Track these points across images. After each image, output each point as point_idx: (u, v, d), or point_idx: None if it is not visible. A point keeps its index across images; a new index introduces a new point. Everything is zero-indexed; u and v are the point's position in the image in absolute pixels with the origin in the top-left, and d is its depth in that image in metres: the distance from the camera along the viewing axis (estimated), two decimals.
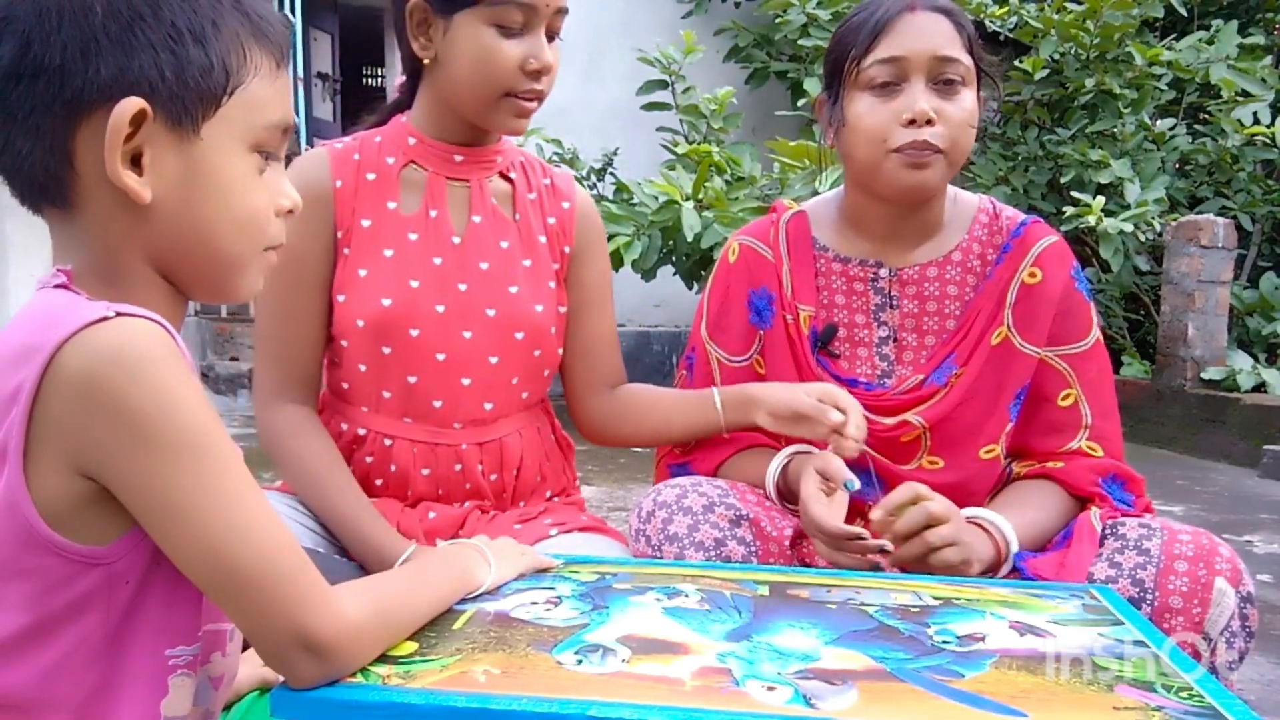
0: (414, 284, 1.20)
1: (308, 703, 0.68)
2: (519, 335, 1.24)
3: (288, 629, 0.67)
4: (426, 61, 1.18)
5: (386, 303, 1.19)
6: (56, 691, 0.68)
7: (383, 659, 0.73)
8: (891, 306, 1.27)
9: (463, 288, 1.22)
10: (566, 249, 1.30)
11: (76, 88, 0.65)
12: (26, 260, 3.43)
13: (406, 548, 1.13)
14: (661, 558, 1.14)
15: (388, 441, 1.22)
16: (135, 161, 0.67)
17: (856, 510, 1.18)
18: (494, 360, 1.23)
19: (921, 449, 1.23)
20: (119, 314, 0.64)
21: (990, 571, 1.11)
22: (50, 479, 0.64)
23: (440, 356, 1.20)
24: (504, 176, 1.28)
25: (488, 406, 1.23)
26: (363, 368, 1.21)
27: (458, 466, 1.23)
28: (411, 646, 0.76)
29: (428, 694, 0.68)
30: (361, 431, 1.23)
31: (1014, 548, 1.12)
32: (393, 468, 1.23)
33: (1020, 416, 1.25)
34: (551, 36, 1.19)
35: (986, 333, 1.23)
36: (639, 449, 4.15)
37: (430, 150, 1.23)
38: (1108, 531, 1.14)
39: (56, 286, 0.68)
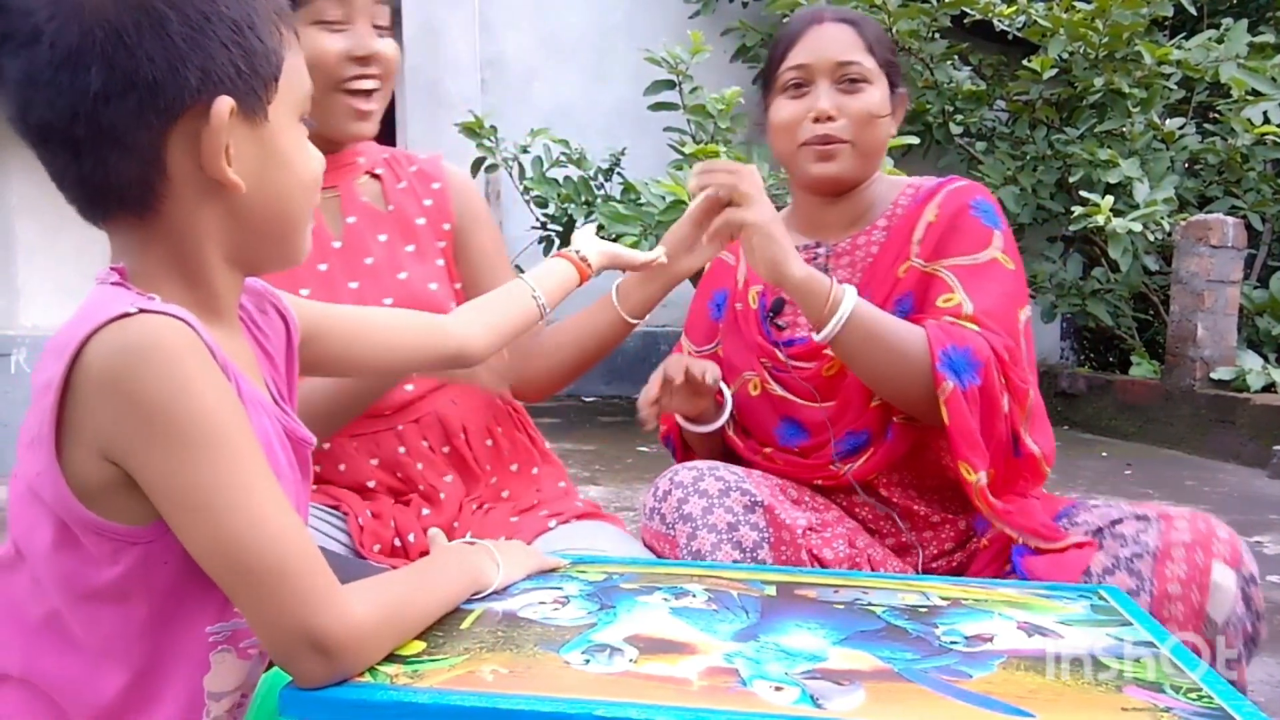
0: (304, 292, 1.20)
1: (316, 702, 0.68)
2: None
3: (296, 626, 0.67)
4: None
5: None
6: (106, 668, 0.70)
7: (390, 658, 0.74)
8: (828, 276, 1.31)
9: (354, 285, 1.25)
10: (446, 225, 1.32)
11: (169, 97, 0.67)
12: (38, 261, 3.45)
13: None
14: (674, 536, 1.16)
15: (325, 445, 1.23)
16: (224, 157, 0.70)
17: (804, 467, 1.32)
18: None
19: (846, 376, 1.29)
20: (142, 310, 0.66)
21: (818, 325, 1.18)
22: (82, 464, 0.67)
23: None
24: (371, 175, 1.31)
25: (409, 389, 1.26)
26: None
27: (401, 449, 1.25)
28: (419, 646, 0.76)
29: (435, 693, 0.68)
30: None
31: (849, 295, 1.17)
32: (341, 467, 1.24)
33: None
34: (380, 31, 1.20)
35: (894, 267, 1.30)
36: (645, 449, 4.14)
37: None
38: (1105, 532, 1.15)
39: (112, 284, 0.71)
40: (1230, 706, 0.68)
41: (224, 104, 0.68)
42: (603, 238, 1.33)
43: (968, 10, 4.75)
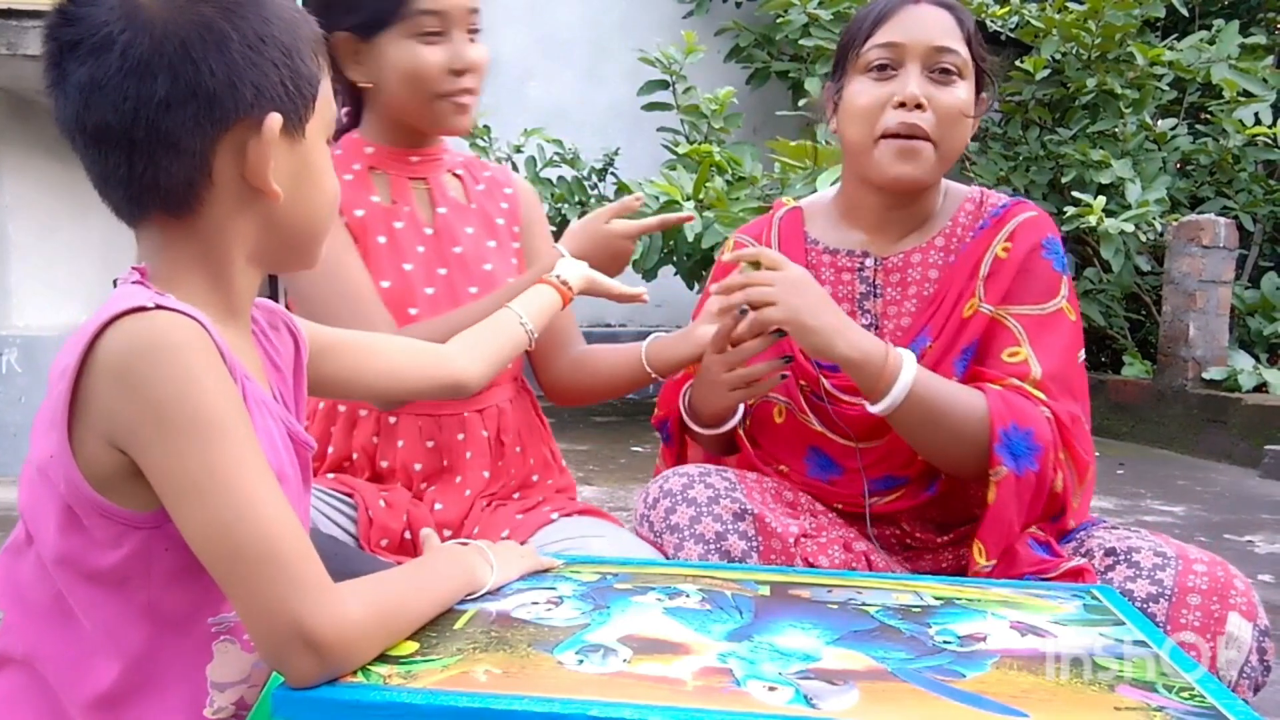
0: (407, 267, 1.28)
1: (308, 703, 0.68)
2: None
3: (285, 619, 0.67)
4: (367, 87, 1.27)
5: (385, 284, 1.27)
6: (103, 654, 0.72)
7: (383, 659, 0.74)
8: (875, 295, 1.28)
9: (443, 272, 1.30)
10: (517, 229, 1.40)
11: (225, 108, 0.73)
12: (30, 261, 3.44)
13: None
14: (662, 546, 1.15)
15: (392, 419, 1.27)
16: None
17: (829, 493, 1.27)
18: None
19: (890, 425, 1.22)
20: (159, 306, 0.69)
21: (874, 392, 1.13)
22: (91, 449, 0.70)
23: None
24: (452, 174, 1.38)
25: None
26: None
27: (460, 435, 1.29)
28: (412, 646, 0.76)
29: (429, 694, 0.68)
30: (363, 412, 1.28)
31: (908, 367, 1.12)
32: (400, 443, 1.27)
33: (966, 376, 1.22)
34: (473, 35, 1.26)
35: (959, 305, 1.23)
36: (638, 448, 4.15)
37: (388, 156, 1.32)
38: (1120, 558, 1.10)
39: (133, 283, 0.74)
40: (1223, 706, 0.69)
41: (276, 119, 0.74)
42: None
43: None
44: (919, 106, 1.18)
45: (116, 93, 0.70)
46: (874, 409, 1.14)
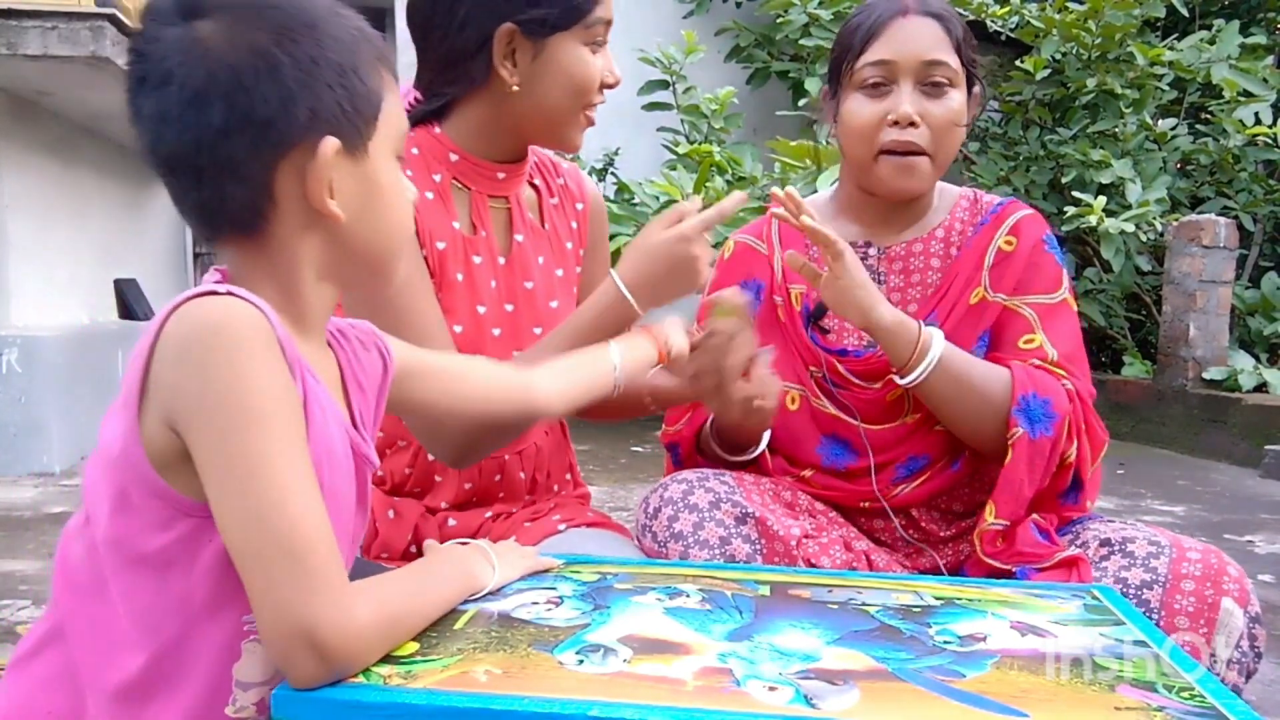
0: (481, 309, 1.20)
1: (309, 703, 0.68)
2: None
3: (297, 620, 0.67)
4: (515, 88, 1.16)
5: (458, 329, 1.18)
6: (133, 641, 0.73)
7: (384, 659, 0.74)
8: (879, 282, 1.30)
9: (509, 308, 1.23)
10: (581, 252, 1.33)
11: (281, 133, 0.74)
12: (29, 260, 3.44)
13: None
14: (667, 555, 1.15)
15: (432, 456, 1.21)
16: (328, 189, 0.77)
17: (843, 475, 1.28)
18: None
19: (906, 407, 1.27)
20: (230, 293, 0.71)
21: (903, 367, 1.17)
22: (154, 430, 0.71)
23: None
24: (530, 184, 1.29)
25: None
26: None
27: (497, 477, 1.26)
28: (413, 646, 0.76)
29: (429, 694, 0.68)
30: (402, 443, 1.23)
31: (938, 338, 1.17)
32: (437, 478, 1.23)
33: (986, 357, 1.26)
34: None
35: (965, 293, 1.27)
36: (639, 449, 4.14)
37: (473, 168, 1.22)
38: (1115, 548, 1.13)
39: (215, 282, 0.76)
40: (1224, 706, 0.69)
41: (330, 144, 0.75)
42: None
43: (961, 11, 4.76)
44: (913, 124, 1.21)
45: (179, 123, 0.73)
46: (905, 380, 1.18)
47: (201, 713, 0.74)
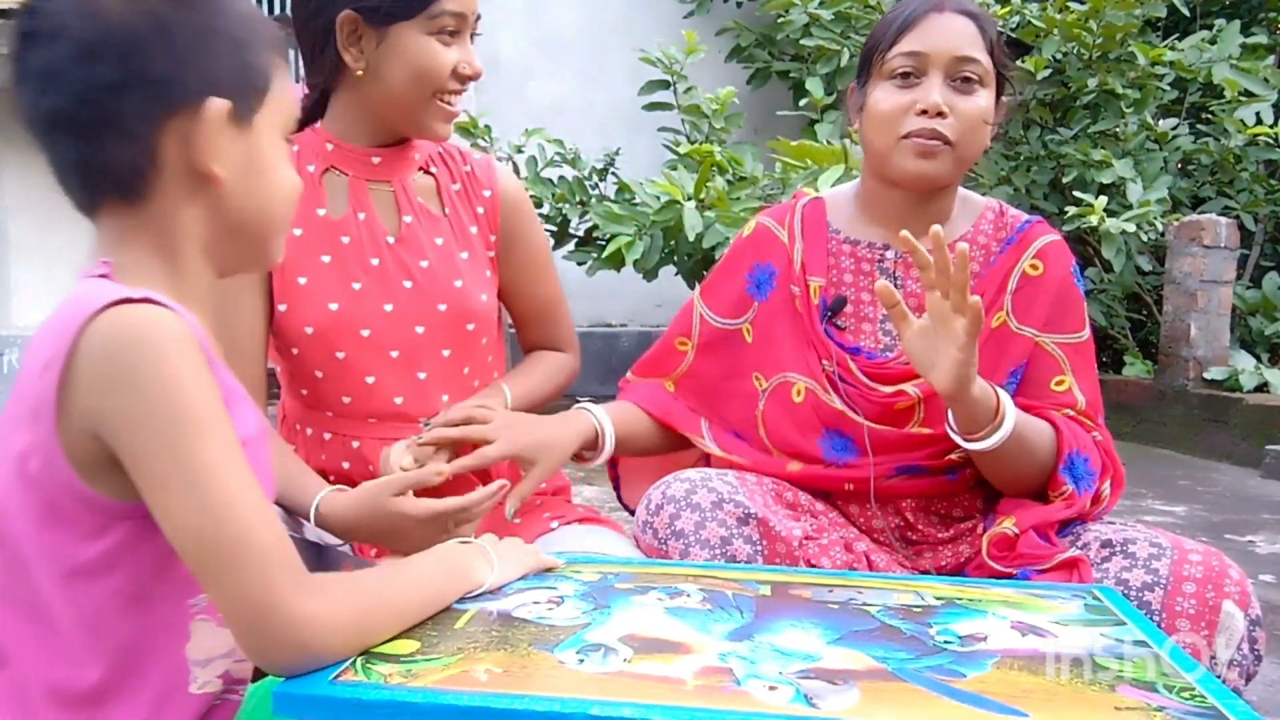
0: (356, 286, 1.23)
1: (309, 702, 0.68)
2: (470, 326, 1.28)
3: (258, 607, 0.69)
4: (360, 73, 1.20)
5: (333, 307, 1.21)
6: (86, 652, 0.73)
7: (384, 658, 0.74)
8: (898, 286, 1.30)
9: (408, 284, 1.25)
10: (493, 238, 1.34)
11: (170, 93, 0.75)
12: (31, 261, 3.44)
13: (321, 489, 1.14)
14: (667, 552, 1.15)
15: (355, 444, 1.24)
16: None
17: (840, 476, 1.28)
18: (446, 353, 1.26)
19: (915, 417, 1.26)
20: (145, 299, 0.71)
21: (976, 431, 1.15)
22: (75, 439, 0.71)
23: (394, 354, 1.23)
24: (425, 171, 1.31)
25: (445, 398, 1.26)
26: (319, 374, 1.23)
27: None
28: (413, 645, 0.76)
29: (430, 693, 0.68)
30: (327, 436, 1.25)
31: (1009, 416, 1.15)
32: (370, 467, 1.24)
33: (1015, 398, 1.25)
34: (474, 38, 1.24)
35: (987, 316, 1.25)
36: None
37: (348, 155, 1.26)
38: (1116, 549, 1.12)
39: (99, 276, 0.76)
40: (1224, 706, 0.69)
41: (218, 104, 0.76)
42: (596, 238, 1.35)
43: None
44: (940, 114, 1.21)
45: (67, 78, 0.73)
46: (973, 445, 1.16)
47: (165, 701, 0.75)
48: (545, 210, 4.35)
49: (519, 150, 4.36)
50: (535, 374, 1.39)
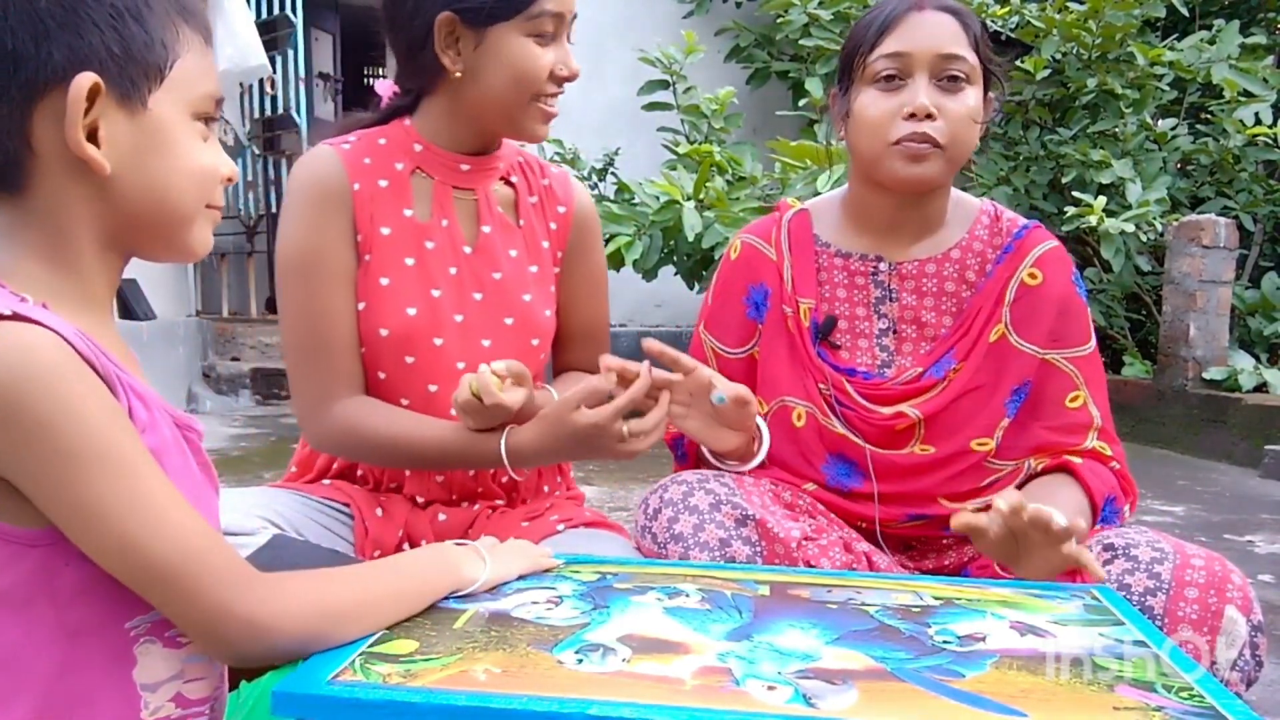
0: (435, 293, 1.22)
1: (308, 701, 0.68)
2: (535, 341, 1.27)
3: (209, 610, 0.68)
4: (458, 74, 1.18)
5: (412, 312, 1.20)
6: (15, 677, 0.68)
7: (383, 658, 0.74)
8: (891, 299, 1.29)
9: (478, 297, 1.24)
10: (560, 254, 1.33)
11: (31, 71, 0.68)
12: None
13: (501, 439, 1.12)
14: (666, 556, 1.15)
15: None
16: (92, 136, 0.70)
17: (846, 496, 1.25)
18: None
19: (915, 438, 1.25)
20: (16, 314, 0.65)
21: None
22: None
23: (460, 365, 1.21)
24: (505, 181, 1.30)
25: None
26: (382, 375, 1.22)
27: (470, 471, 1.25)
28: (412, 645, 0.76)
29: (428, 693, 0.68)
30: None
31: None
32: (408, 471, 1.24)
33: (1024, 414, 1.25)
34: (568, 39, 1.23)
35: (985, 330, 1.25)
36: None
37: (437, 158, 1.24)
38: (1118, 552, 1.11)
39: None
40: (1222, 706, 0.69)
41: (85, 79, 0.69)
42: None
43: None
44: (929, 116, 1.18)
45: None
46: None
47: None
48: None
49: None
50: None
